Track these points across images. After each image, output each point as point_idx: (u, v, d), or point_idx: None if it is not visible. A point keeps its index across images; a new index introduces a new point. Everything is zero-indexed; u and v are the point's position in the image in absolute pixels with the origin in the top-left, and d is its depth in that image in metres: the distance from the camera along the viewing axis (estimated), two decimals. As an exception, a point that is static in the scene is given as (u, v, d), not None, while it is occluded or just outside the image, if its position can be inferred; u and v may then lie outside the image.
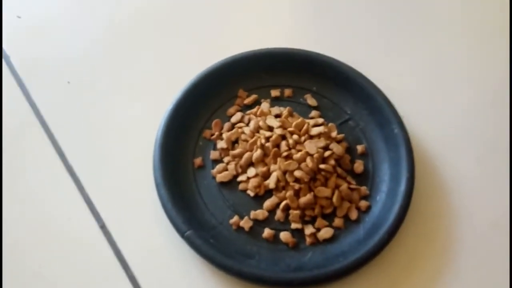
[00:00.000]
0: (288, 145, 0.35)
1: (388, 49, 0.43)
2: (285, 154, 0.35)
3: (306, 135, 0.36)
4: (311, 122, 0.37)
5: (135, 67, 0.41)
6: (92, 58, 0.41)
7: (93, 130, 0.38)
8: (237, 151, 0.36)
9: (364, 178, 0.36)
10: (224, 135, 0.37)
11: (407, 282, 0.33)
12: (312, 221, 0.34)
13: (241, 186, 0.36)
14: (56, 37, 0.42)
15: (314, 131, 0.36)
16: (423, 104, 0.40)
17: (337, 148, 0.36)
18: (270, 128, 0.36)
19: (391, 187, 0.35)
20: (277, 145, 0.36)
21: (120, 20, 0.43)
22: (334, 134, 0.37)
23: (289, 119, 0.37)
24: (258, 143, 0.36)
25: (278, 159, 0.35)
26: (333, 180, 0.35)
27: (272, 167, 0.35)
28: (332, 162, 0.35)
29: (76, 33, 0.42)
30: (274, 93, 0.40)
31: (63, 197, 0.35)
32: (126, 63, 0.41)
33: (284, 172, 0.35)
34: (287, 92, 0.40)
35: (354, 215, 0.35)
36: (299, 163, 0.34)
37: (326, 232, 0.34)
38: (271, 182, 0.35)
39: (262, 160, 0.36)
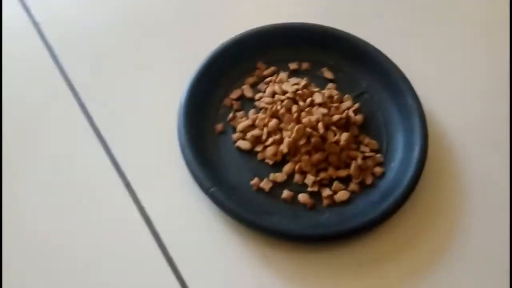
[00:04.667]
0: (299, 109, 0.36)
1: (405, 28, 0.45)
2: (295, 115, 0.36)
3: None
4: (326, 93, 0.39)
5: (159, 41, 0.42)
6: (119, 30, 0.43)
7: (121, 97, 0.39)
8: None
9: (379, 146, 0.38)
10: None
11: (416, 246, 0.35)
12: (329, 184, 0.36)
13: (259, 156, 0.37)
14: (88, 7, 0.43)
15: (318, 98, 0.37)
16: (440, 85, 0.42)
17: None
18: (285, 93, 0.38)
19: (405, 155, 0.37)
20: (289, 109, 0.37)
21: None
22: (348, 103, 0.39)
23: (305, 90, 0.38)
24: (272, 109, 0.37)
25: (291, 124, 0.36)
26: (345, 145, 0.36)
27: (285, 133, 0.36)
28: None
29: (106, 7, 0.44)
30: (292, 66, 0.41)
31: (90, 158, 0.36)
32: (151, 37, 0.42)
33: (295, 139, 0.36)
34: (305, 65, 0.41)
35: (369, 180, 0.36)
36: (310, 127, 0.36)
37: (342, 195, 0.35)
38: (284, 147, 0.36)
39: (278, 128, 0.37)
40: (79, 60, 0.41)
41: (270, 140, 0.37)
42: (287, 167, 0.36)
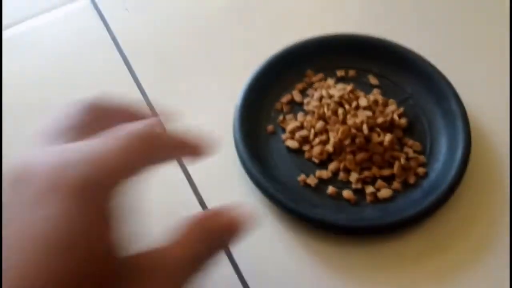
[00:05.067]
0: (344, 112, 0.39)
1: (449, 34, 0.47)
2: (341, 118, 0.39)
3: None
4: (371, 97, 0.41)
5: (218, 49, 0.47)
6: (185, 41, 0.48)
7: (185, 97, 0.44)
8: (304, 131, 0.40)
9: (423, 148, 0.39)
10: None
11: (458, 244, 0.36)
12: (373, 182, 0.38)
13: (306, 155, 0.40)
14: (157, 23, 0.49)
15: (363, 101, 0.40)
16: (484, 90, 0.43)
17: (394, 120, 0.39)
18: (332, 97, 0.41)
19: (448, 158, 0.38)
20: (335, 112, 0.40)
21: (207, 9, 0.50)
22: (393, 107, 0.41)
23: (351, 95, 0.41)
24: (319, 112, 0.40)
25: (336, 125, 0.39)
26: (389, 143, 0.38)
27: (331, 134, 0.39)
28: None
29: (173, 22, 0.49)
30: (339, 73, 0.44)
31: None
32: (211, 46, 0.47)
33: (341, 139, 0.38)
34: (351, 73, 0.44)
35: (412, 179, 0.38)
36: (355, 129, 0.38)
37: (385, 192, 0.37)
38: (329, 147, 0.39)
39: (324, 129, 0.40)
40: (148, 63, 0.46)
41: (317, 140, 0.39)
42: (332, 165, 0.39)
